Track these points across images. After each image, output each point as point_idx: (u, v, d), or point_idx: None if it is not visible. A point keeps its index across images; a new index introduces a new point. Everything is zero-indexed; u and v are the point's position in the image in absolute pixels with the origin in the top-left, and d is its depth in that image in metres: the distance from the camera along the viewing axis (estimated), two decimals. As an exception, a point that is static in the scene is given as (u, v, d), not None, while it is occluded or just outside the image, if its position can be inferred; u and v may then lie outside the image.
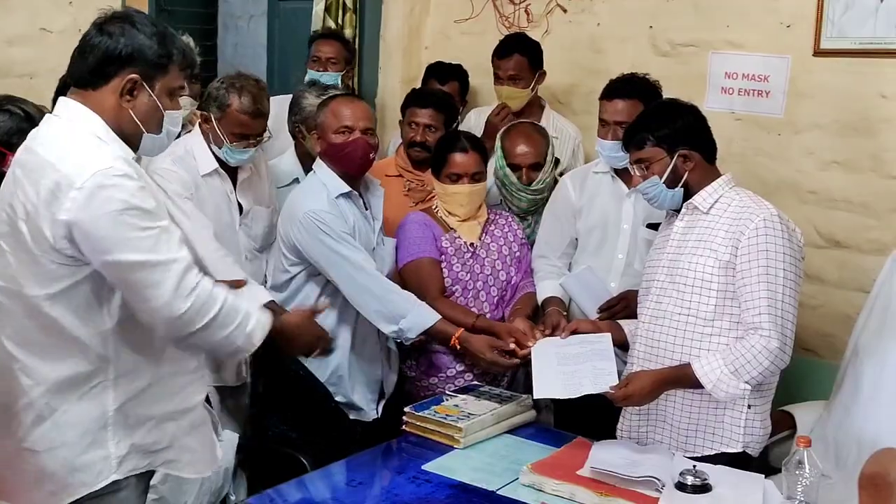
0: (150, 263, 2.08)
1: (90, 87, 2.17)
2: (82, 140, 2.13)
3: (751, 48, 4.01)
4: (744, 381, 2.67)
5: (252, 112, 3.18)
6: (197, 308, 2.14)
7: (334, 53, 4.27)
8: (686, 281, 2.79)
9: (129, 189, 2.07)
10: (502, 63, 4.13)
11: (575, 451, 2.74)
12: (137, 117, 2.20)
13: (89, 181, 2.04)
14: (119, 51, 2.15)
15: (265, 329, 2.31)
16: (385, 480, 2.62)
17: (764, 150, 4.01)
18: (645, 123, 2.88)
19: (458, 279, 3.37)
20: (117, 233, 2.06)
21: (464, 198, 3.37)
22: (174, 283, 2.10)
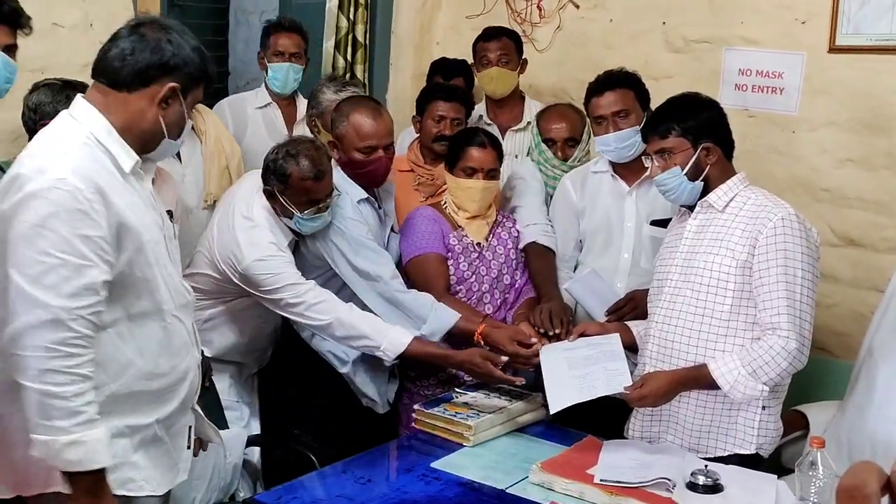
0: (20, 290, 1.97)
1: (124, 88, 2.14)
2: (65, 143, 2.09)
3: (765, 45, 3.98)
4: (762, 383, 2.65)
5: (315, 174, 3.04)
6: (23, 367, 1.96)
7: (297, 47, 4.13)
8: (701, 280, 2.77)
9: (60, 207, 1.98)
10: (490, 45, 4.11)
11: (585, 450, 2.73)
12: (165, 124, 2.19)
13: (34, 186, 1.99)
14: (167, 59, 2.14)
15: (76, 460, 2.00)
16: (394, 478, 2.62)
17: (777, 148, 3.98)
18: (670, 113, 2.85)
19: (464, 279, 3.35)
20: (19, 244, 1.98)
21: (476, 193, 3.34)
22: (25, 325, 1.96)
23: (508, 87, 4.15)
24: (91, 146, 2.11)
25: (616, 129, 3.23)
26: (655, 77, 4.10)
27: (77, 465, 2.00)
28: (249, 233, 3.05)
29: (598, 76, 3.34)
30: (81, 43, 3.71)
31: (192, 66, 2.19)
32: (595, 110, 3.29)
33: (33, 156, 2.07)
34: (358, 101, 3.39)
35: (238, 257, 3.03)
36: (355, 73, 4.66)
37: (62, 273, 1.98)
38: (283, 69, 4.10)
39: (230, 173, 3.67)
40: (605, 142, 3.28)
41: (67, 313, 1.98)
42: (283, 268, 3.04)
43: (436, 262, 3.31)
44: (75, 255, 2.00)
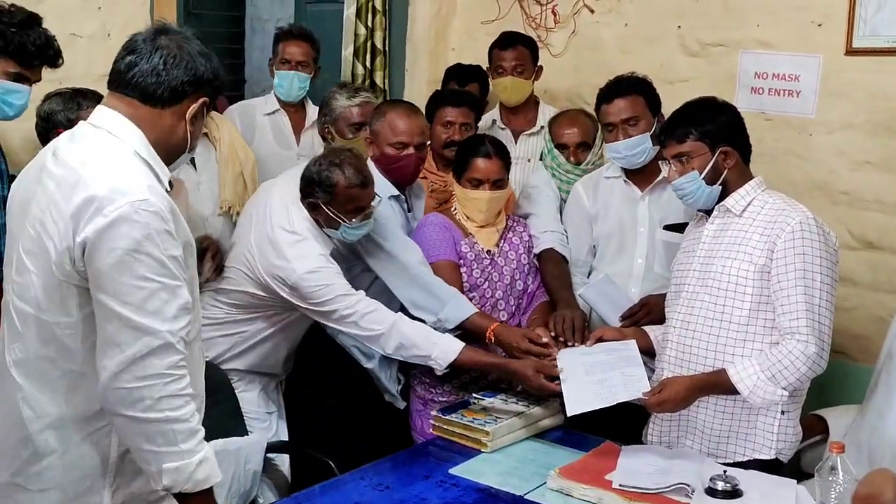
0: (125, 319, 1.92)
1: (159, 104, 2.08)
2: (122, 160, 2.03)
3: (781, 47, 3.96)
4: (781, 387, 2.65)
5: (361, 182, 3.06)
6: (134, 398, 1.93)
7: (304, 56, 4.13)
8: (719, 285, 2.76)
9: (152, 230, 1.95)
10: (506, 54, 4.11)
11: (603, 456, 2.73)
12: (191, 138, 2.15)
13: (118, 210, 1.93)
14: (200, 75, 2.10)
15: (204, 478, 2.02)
16: (412, 484, 2.61)
17: (794, 151, 3.96)
18: (688, 117, 2.84)
19: (477, 286, 3.33)
20: (114, 272, 1.92)
21: (483, 204, 3.33)
22: (134, 355, 1.92)
23: (523, 96, 4.16)
24: (141, 163, 2.06)
25: (626, 136, 3.22)
26: (671, 81, 4.10)
27: (205, 483, 2.02)
28: (297, 246, 3.03)
29: (608, 83, 3.34)
30: (99, 53, 3.74)
31: (219, 80, 2.17)
32: (605, 117, 3.29)
33: (98, 179, 1.97)
34: (395, 102, 3.53)
35: (287, 271, 3.00)
36: (374, 80, 4.67)
37: (163, 297, 1.95)
38: (289, 77, 4.10)
39: (244, 179, 3.69)
40: (615, 149, 3.27)
41: (173, 336, 1.96)
42: (334, 279, 3.03)
43: (448, 269, 3.30)
44: (170, 277, 1.97)
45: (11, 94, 2.98)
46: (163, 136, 2.11)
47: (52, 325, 2.03)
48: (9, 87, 2.98)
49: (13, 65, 2.96)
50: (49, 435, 2.07)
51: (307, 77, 4.14)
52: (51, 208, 2.02)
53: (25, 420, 2.07)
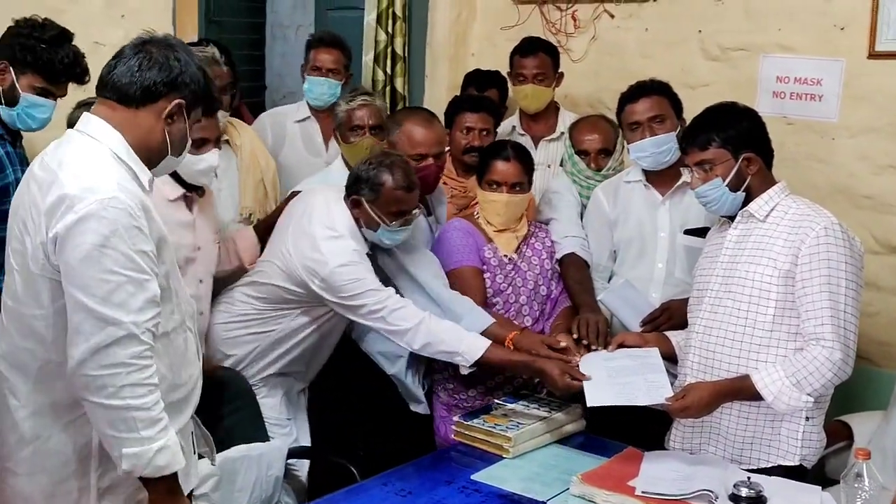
0: (91, 311, 2.00)
1: (133, 104, 2.18)
2: (97, 161, 2.12)
3: (803, 51, 3.95)
4: (806, 394, 2.63)
5: (406, 186, 3.08)
6: (97, 385, 2.01)
7: (335, 63, 4.13)
8: (742, 290, 2.75)
9: (119, 225, 2.03)
10: (527, 61, 4.10)
11: (626, 462, 2.71)
12: (170, 140, 2.23)
13: (87, 207, 2.02)
14: (175, 76, 2.19)
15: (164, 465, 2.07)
16: (434, 490, 2.61)
17: (816, 155, 3.94)
18: (710, 123, 2.83)
19: (500, 291, 3.34)
20: (82, 266, 2.01)
21: (501, 207, 3.33)
22: (97, 344, 2.00)
23: (543, 104, 4.16)
24: (117, 164, 2.14)
25: (652, 134, 3.23)
26: (692, 86, 4.09)
27: (166, 469, 2.08)
28: (333, 242, 3.04)
29: (631, 86, 3.35)
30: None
31: (196, 84, 2.24)
32: (630, 116, 3.29)
33: (75, 176, 2.08)
34: (411, 110, 3.51)
35: (321, 263, 3.01)
36: (395, 86, 4.69)
37: (128, 289, 2.03)
38: (319, 83, 4.10)
39: (265, 186, 3.71)
40: (641, 147, 3.26)
41: (138, 328, 2.03)
42: (365, 274, 3.04)
43: (471, 275, 3.30)
44: (137, 271, 2.05)
45: (36, 108, 3.05)
46: (141, 136, 2.19)
47: (29, 318, 2.14)
48: (34, 100, 3.03)
49: (40, 80, 3.02)
50: (32, 422, 2.17)
51: (338, 84, 4.11)
52: (31, 208, 2.12)
53: (11, 408, 2.19)
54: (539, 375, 3.00)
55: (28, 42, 3.00)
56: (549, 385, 2.97)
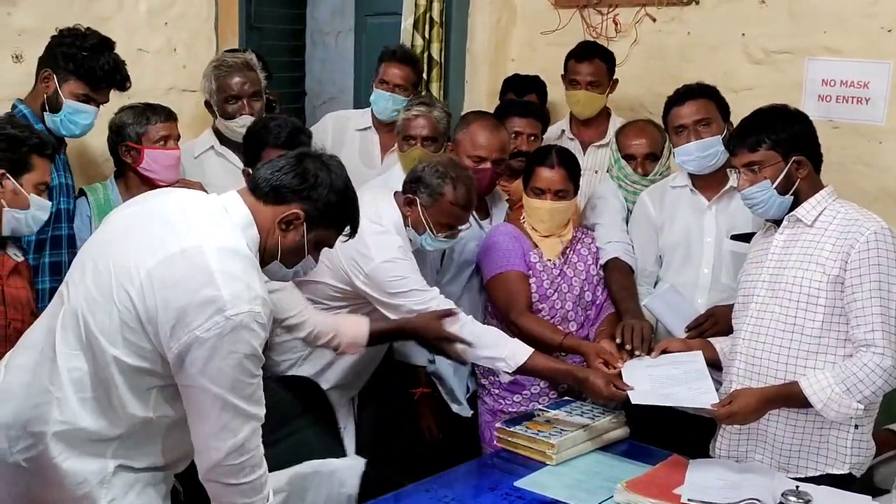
0: (239, 409, 2.13)
1: (261, 197, 2.25)
2: (241, 259, 2.15)
3: (849, 54, 3.90)
4: (856, 401, 2.59)
5: (465, 204, 3.11)
6: (238, 469, 2.16)
7: (403, 79, 4.11)
8: (790, 296, 2.72)
9: (259, 337, 2.13)
10: (582, 67, 4.07)
11: (671, 469, 2.69)
12: (280, 248, 2.27)
13: (238, 317, 2.08)
14: (305, 187, 2.25)
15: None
16: (478, 497, 2.60)
17: (863, 159, 3.89)
18: (760, 125, 2.80)
19: (546, 296, 3.33)
20: (233, 372, 2.10)
21: (544, 214, 3.33)
22: (244, 437, 2.15)
23: (595, 110, 4.13)
24: (254, 265, 2.20)
25: (698, 137, 3.20)
26: (735, 89, 4.04)
27: None
28: (379, 237, 3.03)
29: (677, 89, 3.33)
30: (165, 67, 3.82)
31: (324, 203, 2.27)
32: (676, 120, 3.26)
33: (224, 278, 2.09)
34: (481, 114, 3.55)
35: (365, 258, 3.01)
36: (430, 90, 4.68)
37: (259, 391, 2.19)
38: (384, 97, 4.07)
39: None
40: (686, 151, 3.23)
41: (261, 421, 2.21)
42: (411, 272, 3.04)
43: (517, 279, 3.29)
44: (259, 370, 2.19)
45: (78, 115, 3.09)
46: (264, 236, 2.25)
47: (112, 358, 2.14)
48: (77, 107, 3.07)
49: (82, 87, 3.07)
50: (59, 440, 2.17)
51: (403, 100, 4.03)
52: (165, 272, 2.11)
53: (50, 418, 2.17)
54: (582, 383, 2.97)
55: (70, 50, 3.05)
56: (593, 394, 2.95)
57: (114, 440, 2.20)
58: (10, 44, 3.32)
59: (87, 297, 2.17)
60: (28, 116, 3.07)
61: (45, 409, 2.17)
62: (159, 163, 3.25)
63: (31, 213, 2.68)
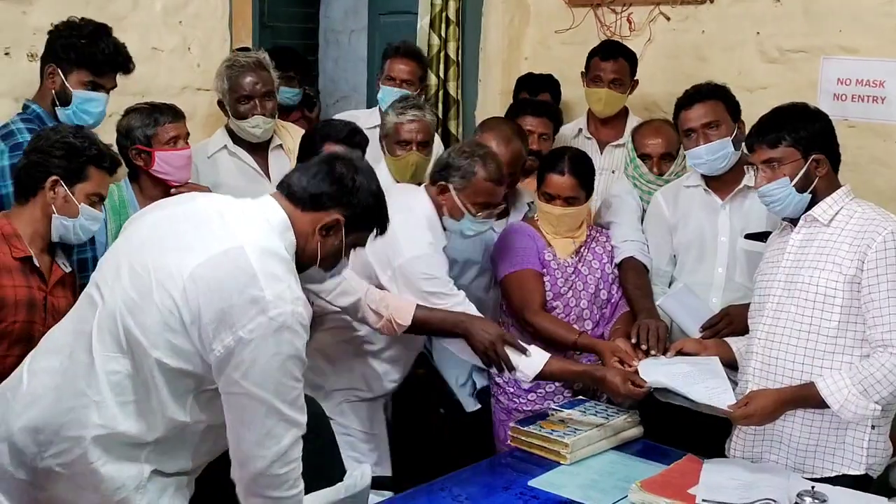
0: (283, 415, 2.12)
1: (299, 205, 2.26)
2: (281, 262, 2.17)
3: (865, 53, 3.88)
4: (874, 402, 2.58)
5: (498, 179, 3.08)
6: (282, 481, 2.14)
7: (410, 74, 4.14)
8: (806, 296, 2.71)
9: (302, 339, 2.13)
10: (606, 65, 4.05)
11: (685, 469, 2.68)
12: (320, 253, 2.29)
13: (281, 316, 2.08)
14: (343, 193, 2.27)
15: None
16: (492, 496, 2.60)
17: (879, 158, 3.87)
18: (781, 122, 2.79)
19: (561, 294, 3.32)
20: (277, 374, 2.10)
21: (554, 219, 3.33)
22: (287, 445, 2.13)
23: (615, 109, 4.11)
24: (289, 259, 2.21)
25: (707, 141, 3.18)
26: (750, 89, 4.03)
27: None
28: (408, 229, 2.99)
29: (687, 90, 3.31)
30: (179, 66, 3.83)
31: (362, 207, 2.31)
32: (685, 123, 3.25)
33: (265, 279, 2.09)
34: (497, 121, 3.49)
35: (395, 252, 2.98)
36: (448, 90, 4.68)
37: (302, 396, 2.18)
38: (392, 93, 4.06)
39: None
40: (696, 154, 3.22)
41: (304, 430, 2.19)
42: (440, 271, 3.02)
43: (531, 278, 3.29)
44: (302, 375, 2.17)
45: (89, 103, 3.08)
46: (301, 243, 2.26)
47: (154, 361, 2.14)
48: (85, 96, 3.07)
49: (87, 74, 3.06)
50: (98, 444, 2.16)
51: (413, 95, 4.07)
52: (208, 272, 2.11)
53: (88, 422, 2.16)
54: (600, 383, 2.96)
55: (68, 41, 3.04)
56: (611, 392, 2.94)
57: (149, 444, 2.20)
58: (25, 43, 3.33)
59: (125, 299, 2.16)
60: (42, 116, 3.08)
61: (81, 412, 2.16)
62: (171, 164, 3.22)
63: (79, 222, 2.72)
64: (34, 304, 2.66)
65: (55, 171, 2.68)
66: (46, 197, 2.69)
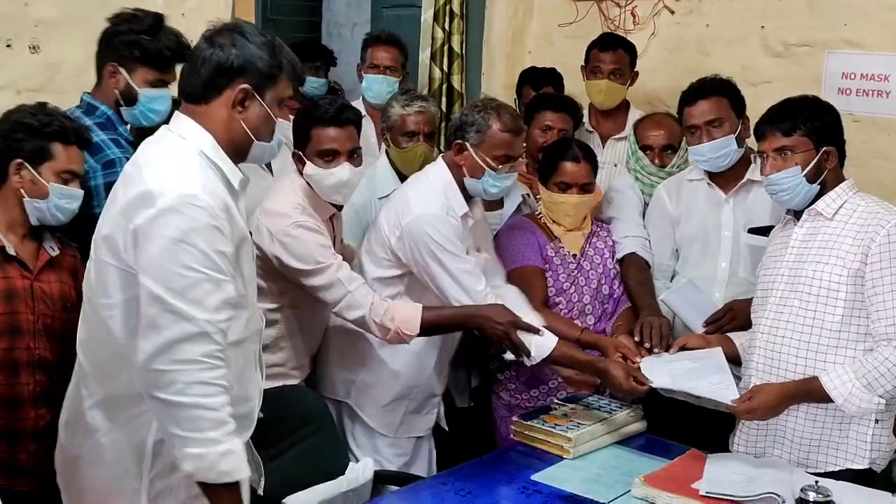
0: (166, 304, 1.99)
1: (202, 101, 2.17)
2: (182, 160, 2.12)
3: (870, 47, 3.87)
4: (878, 395, 2.58)
5: (515, 129, 3.02)
6: (168, 381, 1.98)
7: (392, 61, 4.15)
8: (810, 290, 2.70)
9: (198, 222, 2.03)
10: (605, 56, 4.05)
11: (688, 464, 2.68)
12: (248, 128, 2.19)
13: (165, 201, 2.02)
14: (230, 62, 2.15)
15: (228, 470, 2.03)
16: (494, 490, 2.59)
17: (883, 153, 3.87)
18: (795, 112, 2.77)
19: (563, 290, 3.31)
20: (160, 259, 2.01)
21: (570, 208, 3.31)
22: (171, 339, 1.98)
23: (615, 101, 4.10)
24: (204, 164, 2.14)
25: (710, 138, 3.16)
26: (754, 83, 4.02)
27: (229, 476, 2.03)
28: (420, 192, 2.99)
29: (691, 84, 3.29)
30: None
31: (260, 63, 2.17)
32: (688, 119, 3.23)
33: (158, 173, 2.08)
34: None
35: (404, 212, 2.97)
36: (452, 83, 4.67)
37: (206, 287, 2.02)
38: (377, 81, 4.12)
39: None
40: (698, 152, 3.21)
41: (212, 326, 2.02)
42: (450, 232, 2.96)
43: (533, 274, 3.28)
44: (215, 270, 2.04)
45: (156, 101, 2.98)
46: (220, 130, 2.17)
47: (98, 308, 2.15)
48: (153, 94, 2.97)
49: (153, 72, 2.96)
50: (96, 413, 2.18)
51: (395, 81, 4.14)
52: (112, 201, 2.15)
53: (81, 397, 2.21)
54: (602, 376, 2.96)
55: (130, 37, 2.92)
56: (612, 387, 2.93)
57: None
58: (27, 35, 3.32)
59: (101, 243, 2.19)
60: (114, 119, 2.98)
61: None
62: None
63: (52, 203, 2.65)
64: (14, 295, 2.61)
65: (18, 155, 2.61)
66: (13, 182, 2.62)
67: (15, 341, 2.60)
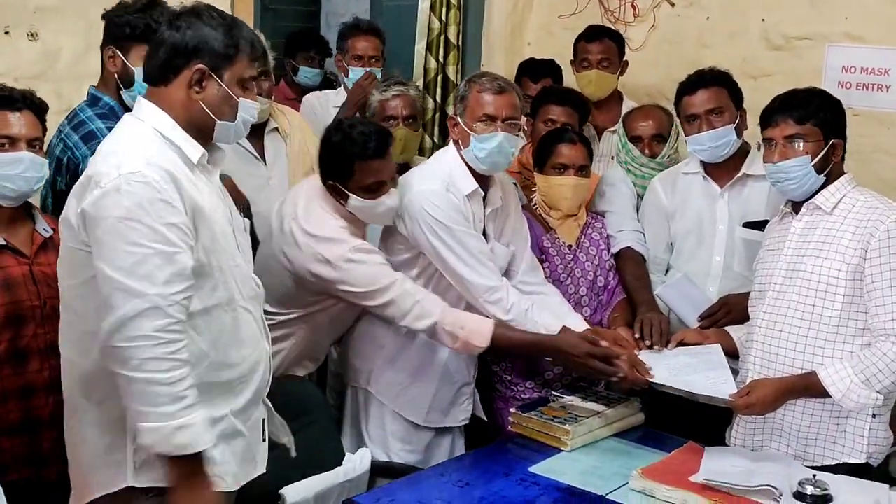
0: (117, 283, 2.01)
1: (161, 82, 2.21)
2: (135, 140, 2.15)
3: (870, 41, 3.88)
4: (876, 391, 2.58)
5: (493, 88, 2.96)
6: (125, 357, 2.00)
7: (375, 50, 4.13)
8: (808, 285, 2.69)
9: (142, 198, 2.04)
10: (592, 46, 4.06)
11: (686, 457, 2.68)
12: (208, 107, 2.21)
13: (112, 182, 2.05)
14: (185, 43, 2.17)
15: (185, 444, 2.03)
16: (492, 481, 2.59)
17: (883, 147, 3.87)
18: (807, 102, 2.76)
19: (560, 281, 3.31)
20: (108, 239, 2.03)
21: (568, 190, 3.29)
22: (125, 316, 1.99)
23: (606, 91, 4.11)
24: (158, 141, 2.16)
25: (710, 127, 3.15)
26: (754, 76, 4.03)
27: (186, 449, 2.04)
28: (424, 171, 3.01)
29: (689, 76, 3.28)
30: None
31: (216, 44, 2.18)
32: (687, 108, 3.22)
33: (105, 155, 2.13)
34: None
35: (405, 191, 2.97)
36: (447, 74, 4.65)
37: (155, 262, 2.03)
38: (361, 74, 4.09)
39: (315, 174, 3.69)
40: (698, 141, 3.20)
41: (164, 300, 2.02)
42: (451, 210, 2.95)
43: None
44: (164, 243, 2.05)
45: None
46: (180, 112, 2.20)
47: (67, 289, 2.22)
48: None
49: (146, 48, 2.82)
50: (75, 392, 2.23)
51: (379, 71, 4.14)
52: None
53: (64, 379, 2.27)
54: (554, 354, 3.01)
55: (122, 19, 2.93)
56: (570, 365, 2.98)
57: None
58: (25, 22, 3.30)
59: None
60: (115, 108, 2.96)
61: None
62: None
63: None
64: (13, 283, 2.61)
65: None
66: None
67: (20, 330, 2.59)
